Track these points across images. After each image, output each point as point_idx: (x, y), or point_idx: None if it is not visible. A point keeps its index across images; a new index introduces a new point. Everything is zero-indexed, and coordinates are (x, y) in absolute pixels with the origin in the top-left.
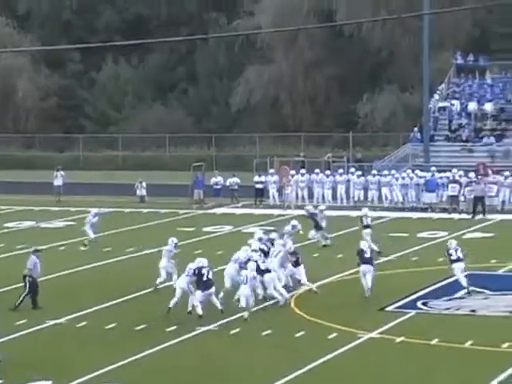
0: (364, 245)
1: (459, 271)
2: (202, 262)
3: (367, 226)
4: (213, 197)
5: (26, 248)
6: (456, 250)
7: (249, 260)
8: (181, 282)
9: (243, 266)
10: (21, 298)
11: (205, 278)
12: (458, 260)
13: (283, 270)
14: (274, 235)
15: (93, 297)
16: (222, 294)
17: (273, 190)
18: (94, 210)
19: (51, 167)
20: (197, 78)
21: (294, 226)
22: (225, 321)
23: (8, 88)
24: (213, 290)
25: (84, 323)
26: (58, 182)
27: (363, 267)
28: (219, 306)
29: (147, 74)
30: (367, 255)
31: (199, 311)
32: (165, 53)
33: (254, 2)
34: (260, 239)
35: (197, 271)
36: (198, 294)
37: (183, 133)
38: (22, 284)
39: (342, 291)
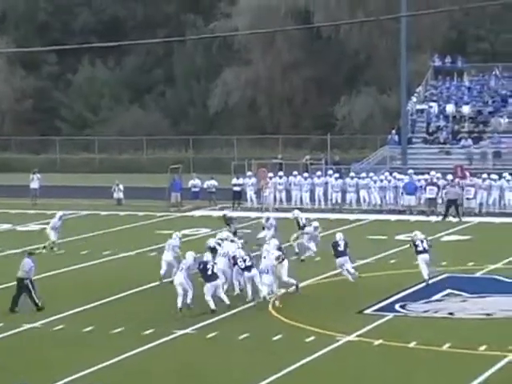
0: (339, 237)
1: (423, 262)
2: (206, 256)
3: (303, 227)
4: (190, 199)
5: (1, 252)
6: (422, 241)
7: (234, 256)
8: (178, 279)
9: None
10: (36, 300)
11: (209, 273)
12: (424, 251)
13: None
14: (225, 235)
15: (69, 300)
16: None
17: (251, 193)
18: (59, 213)
19: (27, 170)
20: (174, 80)
21: (315, 228)
22: (201, 324)
23: None
24: (219, 282)
25: (61, 326)
26: (34, 184)
27: (339, 260)
28: (227, 301)
29: (124, 76)
30: (341, 248)
31: (212, 305)
32: (142, 54)
33: (231, 4)
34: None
35: (202, 265)
36: (207, 288)
37: (160, 135)
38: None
39: (320, 294)
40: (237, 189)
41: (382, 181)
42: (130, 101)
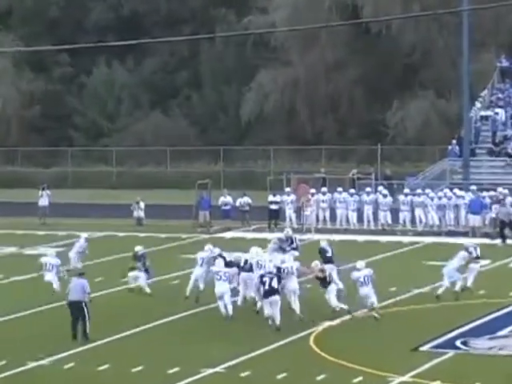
0: (325, 244)
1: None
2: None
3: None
4: (221, 219)
5: (6, 278)
6: (475, 248)
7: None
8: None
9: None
10: (87, 328)
11: (267, 287)
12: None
13: None
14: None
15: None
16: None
17: (289, 212)
18: (84, 235)
19: (35, 185)
20: (201, 83)
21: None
22: (234, 362)
23: None
24: (277, 298)
25: (72, 364)
26: (43, 202)
27: (326, 267)
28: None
29: (145, 78)
30: (329, 254)
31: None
32: (165, 54)
33: None
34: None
35: (259, 279)
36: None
37: (186, 145)
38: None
39: (368, 328)
40: (273, 207)
41: (440, 198)
42: (151, 106)
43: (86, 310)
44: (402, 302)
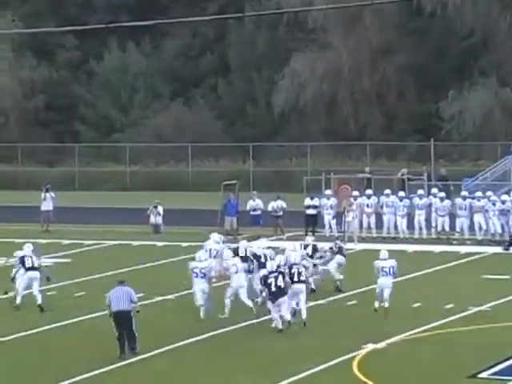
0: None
1: None
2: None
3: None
4: (249, 226)
5: (5, 294)
6: None
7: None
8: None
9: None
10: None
11: (274, 289)
12: None
13: None
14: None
15: (79, 360)
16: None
17: (329, 217)
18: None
19: (37, 187)
20: (229, 70)
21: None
22: None
23: None
24: (285, 298)
25: None
26: (46, 205)
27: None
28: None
29: (163, 63)
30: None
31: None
32: (186, 37)
33: None
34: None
35: (263, 280)
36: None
37: (211, 142)
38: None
39: (417, 353)
40: (311, 212)
41: (504, 202)
42: (171, 97)
43: (133, 320)
44: (458, 321)
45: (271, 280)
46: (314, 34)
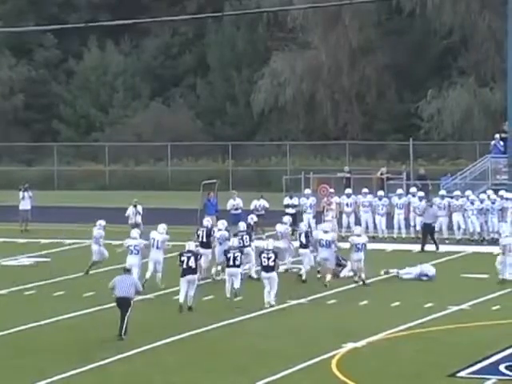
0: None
1: None
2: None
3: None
4: (231, 225)
5: None
6: None
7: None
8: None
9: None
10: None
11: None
12: None
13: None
14: None
15: (60, 359)
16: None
17: (308, 216)
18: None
19: (16, 186)
20: (208, 69)
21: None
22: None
23: None
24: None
25: None
26: (24, 205)
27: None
28: None
29: (143, 63)
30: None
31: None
32: (166, 35)
33: None
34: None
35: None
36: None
37: (190, 141)
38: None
39: (397, 351)
40: (290, 211)
41: (482, 201)
42: (150, 96)
43: (130, 307)
44: (437, 320)
45: (184, 258)
46: (294, 34)
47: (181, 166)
